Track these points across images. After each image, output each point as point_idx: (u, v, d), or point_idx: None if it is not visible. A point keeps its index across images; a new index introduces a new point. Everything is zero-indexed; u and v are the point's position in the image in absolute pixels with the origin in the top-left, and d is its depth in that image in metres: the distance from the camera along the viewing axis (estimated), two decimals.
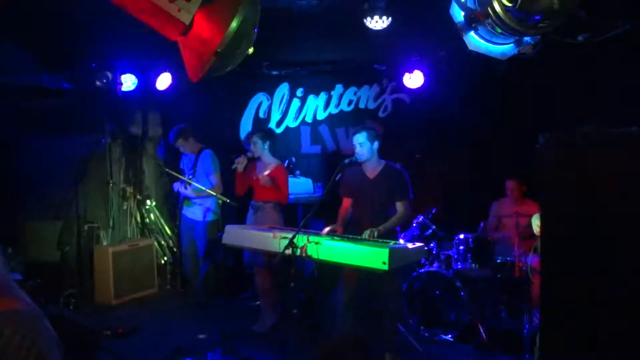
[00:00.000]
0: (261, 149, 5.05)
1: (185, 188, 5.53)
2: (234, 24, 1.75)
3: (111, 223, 6.51)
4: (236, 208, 5.22)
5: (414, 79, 5.96)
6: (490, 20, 1.81)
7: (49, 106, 5.86)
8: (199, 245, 5.60)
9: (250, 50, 1.96)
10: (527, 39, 1.97)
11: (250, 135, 5.33)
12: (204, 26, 1.82)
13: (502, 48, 2.08)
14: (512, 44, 2.04)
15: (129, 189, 6.78)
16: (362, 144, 4.10)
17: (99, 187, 6.44)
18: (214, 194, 5.28)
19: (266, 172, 5.00)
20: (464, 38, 2.07)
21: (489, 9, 1.79)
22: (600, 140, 1.81)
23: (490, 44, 2.05)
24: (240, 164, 4.96)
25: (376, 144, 4.14)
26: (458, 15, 2.04)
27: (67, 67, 5.69)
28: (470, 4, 1.96)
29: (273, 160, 5.12)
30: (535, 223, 3.25)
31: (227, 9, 1.77)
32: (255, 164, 5.14)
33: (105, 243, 6.33)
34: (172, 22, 1.83)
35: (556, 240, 1.90)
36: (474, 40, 2.05)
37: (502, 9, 1.73)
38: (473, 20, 1.91)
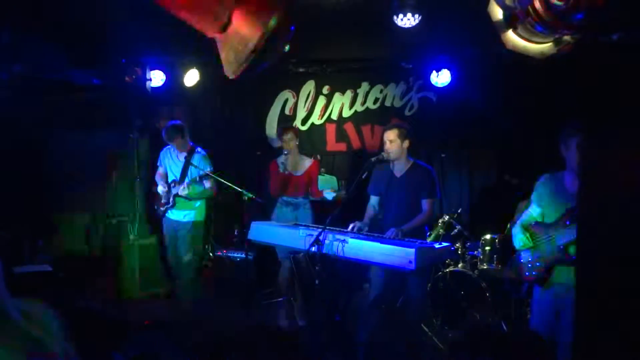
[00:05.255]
0: (295, 145, 5.03)
1: (175, 187, 5.19)
2: (272, 22, 1.76)
3: (138, 217, 6.60)
4: (265, 205, 5.22)
5: (441, 77, 5.92)
6: (530, 18, 1.79)
7: (79, 101, 5.96)
8: (182, 245, 5.32)
9: (286, 47, 1.98)
10: (566, 37, 1.94)
11: (284, 131, 5.10)
12: (242, 24, 1.83)
13: (541, 47, 2.05)
14: (551, 43, 2.01)
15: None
16: (393, 141, 4.06)
17: (126, 182, 6.54)
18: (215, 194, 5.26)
19: (304, 169, 5.02)
20: (501, 37, 2.05)
21: (529, 7, 1.77)
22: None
23: (529, 43, 2.03)
24: (284, 164, 4.95)
25: (406, 143, 4.10)
26: (496, 13, 2.02)
27: (97, 63, 5.78)
28: (509, 2, 1.94)
29: (306, 157, 5.14)
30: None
31: (265, 7, 1.79)
32: (276, 161, 5.12)
33: (132, 237, 6.42)
34: (210, 19, 1.85)
35: (594, 241, 1.87)
36: (512, 40, 2.03)
37: (543, 7, 1.71)
38: (513, 19, 1.89)
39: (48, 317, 1.34)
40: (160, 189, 5.31)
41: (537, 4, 1.72)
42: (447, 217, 5.23)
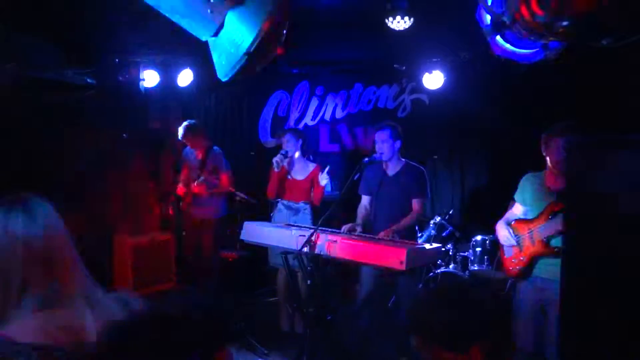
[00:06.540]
0: (295, 148, 4.96)
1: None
2: (264, 26, 1.79)
3: (131, 217, 6.59)
4: (257, 206, 5.23)
5: (433, 80, 5.95)
6: (517, 25, 1.82)
7: (73, 100, 5.95)
8: (208, 242, 5.54)
9: (278, 51, 1.99)
10: (553, 43, 1.97)
11: (284, 132, 5.11)
12: (235, 27, 1.86)
13: (528, 53, 2.08)
14: (538, 49, 2.05)
15: (149, 184, 6.86)
16: (385, 141, 4.07)
17: (119, 181, 6.52)
18: (231, 189, 5.30)
19: (307, 174, 5.00)
20: (489, 42, 2.08)
21: (516, 13, 1.80)
22: (627, 145, 1.81)
23: (516, 49, 2.06)
24: (279, 163, 4.83)
25: (398, 143, 4.13)
26: (485, 19, 2.05)
27: (91, 62, 5.77)
28: (497, 9, 1.97)
29: (310, 162, 5.11)
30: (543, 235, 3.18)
31: (258, 10, 1.81)
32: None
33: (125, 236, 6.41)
34: (204, 22, 1.87)
35: (579, 245, 1.90)
36: (500, 45, 2.06)
37: (529, 14, 1.74)
38: (500, 25, 1.92)
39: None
40: (181, 186, 5.59)
41: (524, 12, 1.76)
42: (439, 218, 5.27)
